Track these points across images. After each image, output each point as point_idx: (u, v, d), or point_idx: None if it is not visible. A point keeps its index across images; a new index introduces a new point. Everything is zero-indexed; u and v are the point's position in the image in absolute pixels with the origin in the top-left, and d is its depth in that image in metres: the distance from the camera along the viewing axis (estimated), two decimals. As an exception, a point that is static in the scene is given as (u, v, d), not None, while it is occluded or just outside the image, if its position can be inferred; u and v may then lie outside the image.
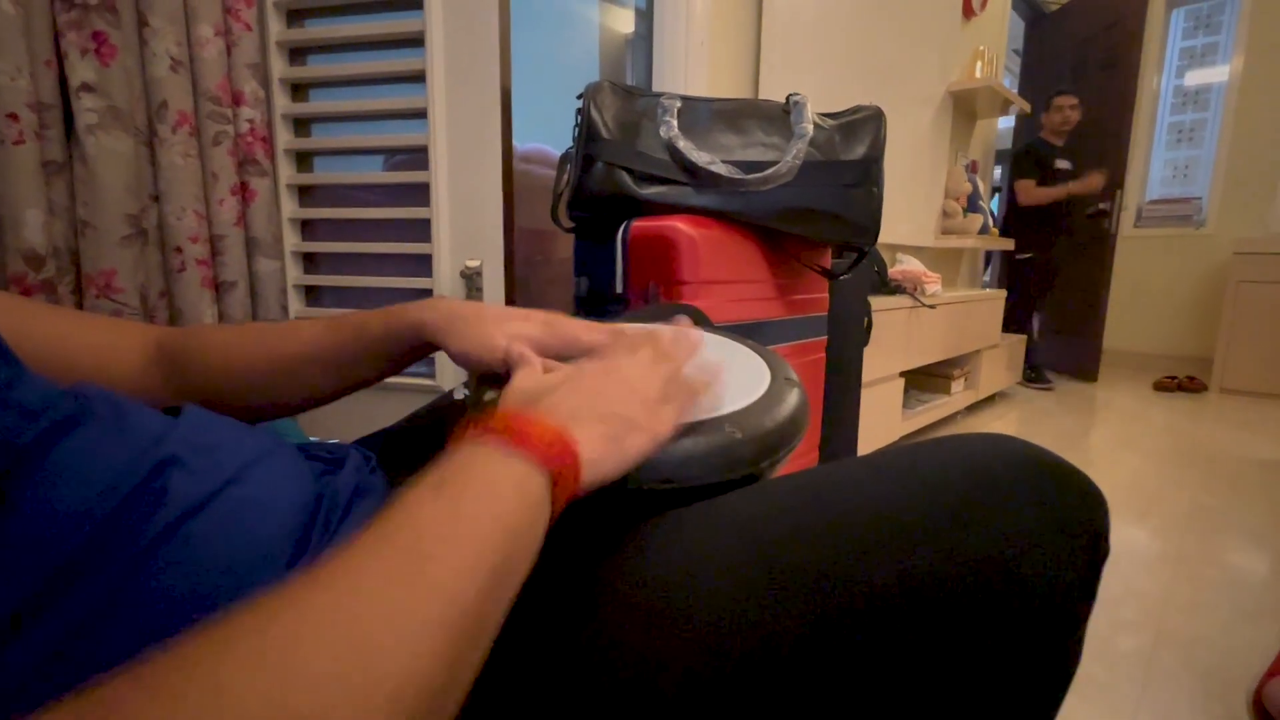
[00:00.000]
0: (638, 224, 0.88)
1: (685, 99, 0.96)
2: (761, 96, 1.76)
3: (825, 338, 1.18)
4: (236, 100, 0.89)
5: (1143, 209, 3.78)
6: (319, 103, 0.98)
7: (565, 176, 0.99)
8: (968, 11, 2.73)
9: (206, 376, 0.45)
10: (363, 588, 0.21)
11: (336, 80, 0.97)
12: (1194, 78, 3.66)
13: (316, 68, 0.97)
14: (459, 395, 0.57)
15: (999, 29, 3.11)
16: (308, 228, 1.00)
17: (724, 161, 0.89)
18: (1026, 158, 3.11)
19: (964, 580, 0.31)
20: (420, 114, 0.87)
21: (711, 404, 0.40)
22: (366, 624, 0.20)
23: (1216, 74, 3.58)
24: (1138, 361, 3.75)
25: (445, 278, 0.88)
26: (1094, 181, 2.93)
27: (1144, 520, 1.54)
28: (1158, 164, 3.80)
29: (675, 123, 0.92)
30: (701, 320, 0.76)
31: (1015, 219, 3.13)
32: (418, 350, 0.44)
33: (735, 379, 0.45)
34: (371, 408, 0.48)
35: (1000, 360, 2.74)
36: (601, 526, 0.37)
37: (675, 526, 0.35)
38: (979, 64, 2.66)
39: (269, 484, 0.35)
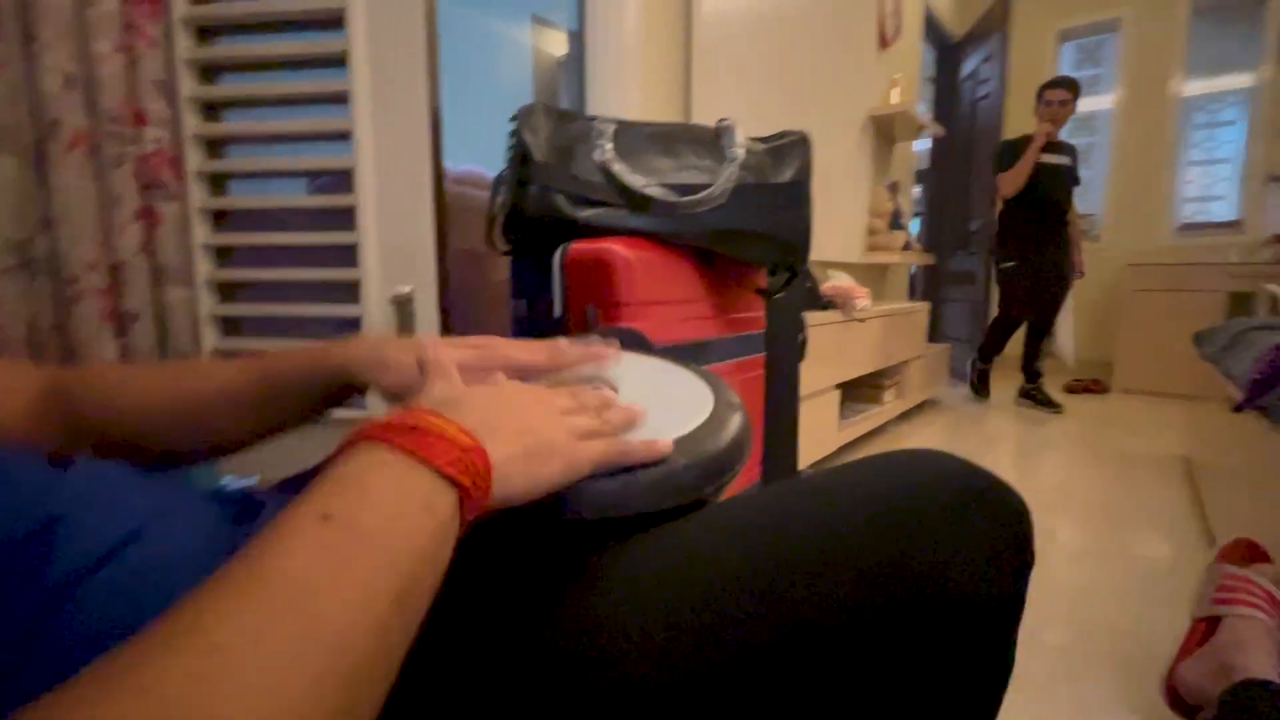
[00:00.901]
0: (574, 246, 0.88)
1: (619, 123, 0.97)
2: (693, 120, 1.80)
3: (763, 354, 1.20)
4: (139, 120, 0.83)
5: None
6: (234, 123, 0.93)
7: (499, 199, 0.98)
8: (883, 42, 2.89)
9: (103, 421, 0.41)
10: (227, 644, 0.18)
11: (252, 100, 0.92)
12: (1083, 104, 4.00)
13: (230, 87, 0.92)
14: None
15: (912, 58, 3.31)
16: (225, 255, 0.94)
17: (659, 184, 0.90)
18: (1007, 151, 2.87)
19: (902, 599, 0.32)
20: (344, 136, 0.84)
21: (653, 430, 0.40)
22: (230, 692, 0.17)
23: (1103, 101, 3.93)
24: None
25: (374, 305, 0.85)
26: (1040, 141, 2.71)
27: (1064, 517, 1.64)
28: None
29: (610, 146, 0.93)
30: (642, 343, 0.76)
31: (1000, 223, 2.93)
32: (342, 391, 0.42)
33: (677, 404, 0.45)
34: (295, 442, 0.45)
35: (927, 369, 2.87)
36: (532, 562, 0.35)
37: (613, 563, 0.34)
38: (895, 91, 2.83)
39: (172, 542, 0.31)
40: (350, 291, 0.87)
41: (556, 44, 1.76)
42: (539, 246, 0.92)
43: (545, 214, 0.89)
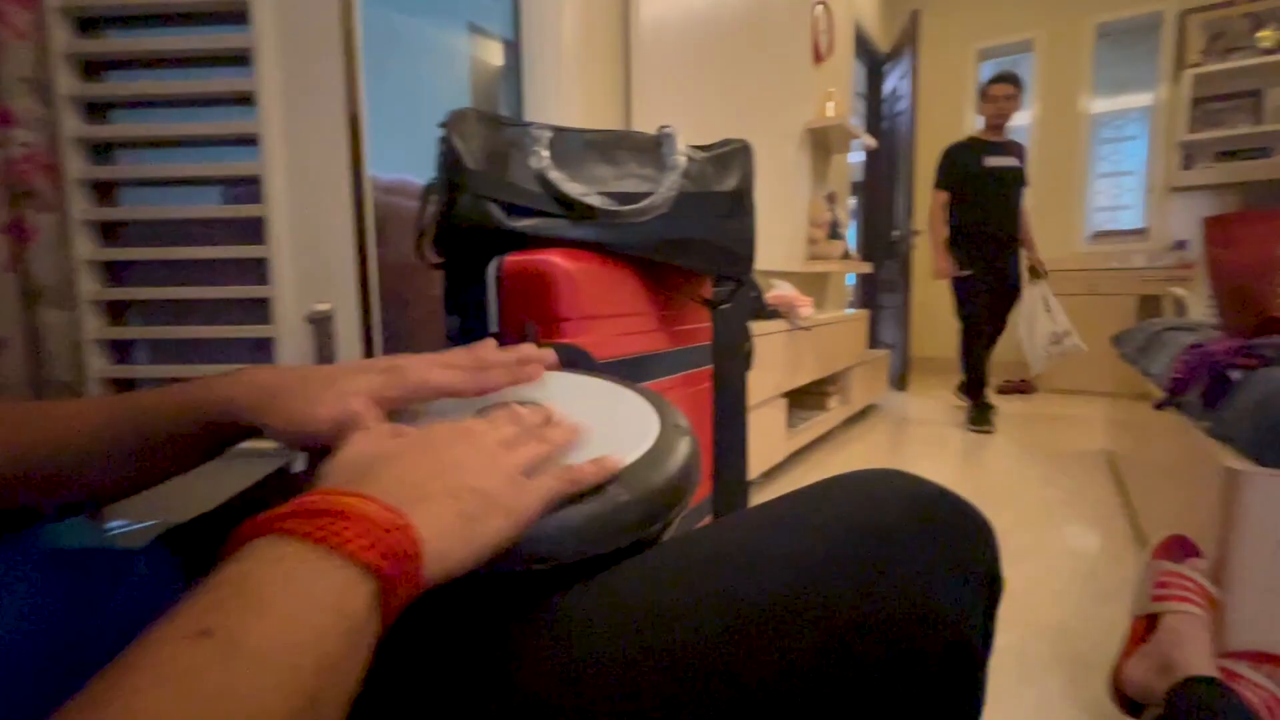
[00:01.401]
0: (510, 258, 0.83)
1: (556, 129, 0.92)
2: (635, 129, 1.78)
3: (710, 366, 1.18)
4: (5, 120, 0.73)
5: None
6: (123, 125, 0.84)
7: (429, 209, 0.91)
8: (817, 57, 2.97)
9: None
10: None
11: (144, 99, 0.83)
12: (1003, 121, 4.23)
13: (117, 84, 0.83)
14: (299, 466, 0.48)
15: (845, 73, 3.41)
16: (114, 271, 0.84)
17: (599, 193, 0.86)
18: (941, 163, 2.76)
19: (876, 637, 0.30)
20: (250, 140, 0.76)
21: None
22: None
23: (1022, 117, 4.16)
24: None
25: (289, 324, 0.77)
26: (944, 271, 2.74)
27: (1004, 517, 1.68)
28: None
29: (547, 153, 0.88)
30: (583, 360, 0.71)
31: (951, 231, 2.77)
32: (226, 434, 0.36)
33: (620, 429, 0.41)
34: (185, 481, 0.38)
35: (868, 375, 2.93)
36: (455, 620, 0.30)
37: (549, 621, 0.30)
38: (830, 104, 2.90)
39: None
40: (261, 310, 0.79)
41: (494, 53, 1.70)
42: (473, 259, 0.86)
43: (478, 224, 0.83)
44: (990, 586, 0.35)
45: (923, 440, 2.52)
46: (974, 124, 4.26)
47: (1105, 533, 1.56)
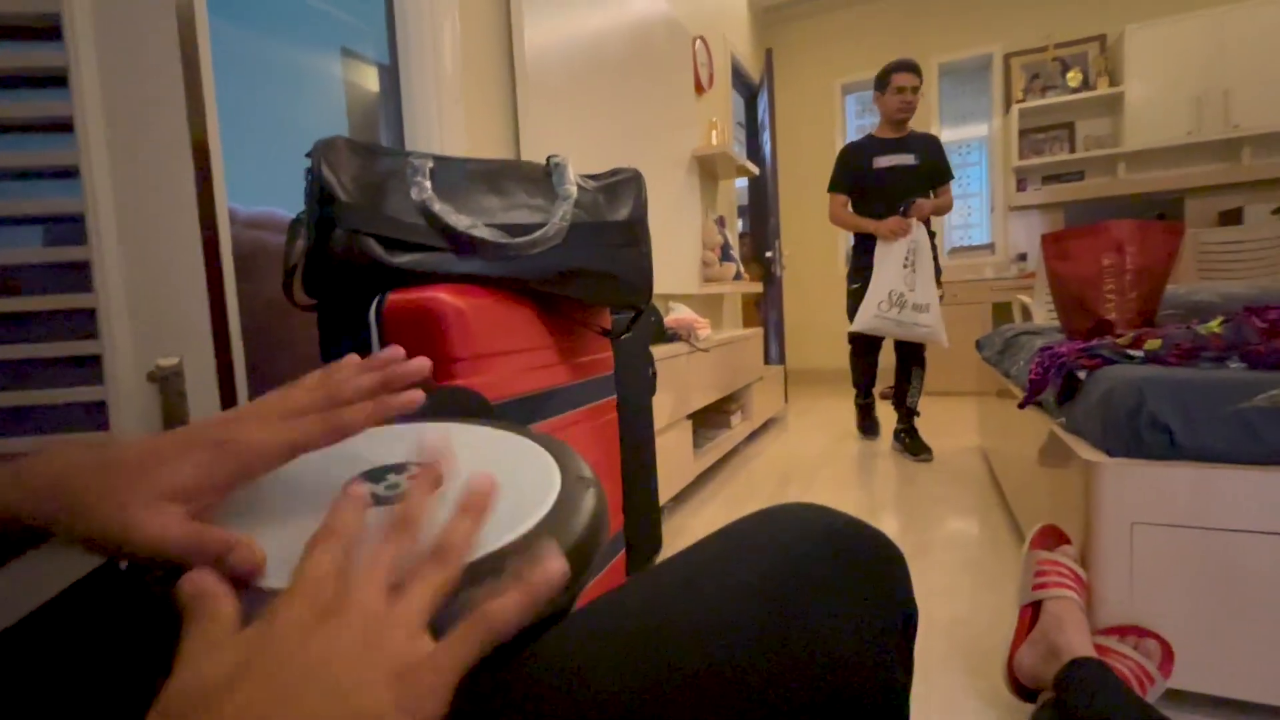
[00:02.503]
0: (394, 297, 0.77)
1: (438, 158, 0.88)
2: (525, 158, 1.76)
3: (614, 396, 1.16)
4: None
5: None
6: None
7: (297, 245, 0.83)
8: (698, 88, 3.09)
9: None
10: None
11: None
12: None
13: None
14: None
15: (725, 103, 3.58)
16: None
17: (487, 225, 0.82)
18: (837, 165, 2.50)
19: (800, 695, 0.29)
20: (69, 173, 0.66)
21: (488, 536, 0.32)
22: None
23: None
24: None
25: (126, 384, 0.67)
26: (897, 225, 2.31)
27: (896, 519, 1.78)
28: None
29: (429, 184, 0.83)
30: (479, 405, 0.66)
31: (852, 241, 2.55)
32: (13, 537, 0.28)
33: (517, 489, 0.37)
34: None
35: (767, 390, 3.04)
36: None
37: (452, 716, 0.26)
38: (714, 133, 3.02)
39: None
40: (91, 368, 0.68)
41: (370, 78, 1.62)
42: (350, 298, 0.79)
43: (355, 260, 0.77)
44: (906, 618, 0.35)
45: (819, 450, 2.64)
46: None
47: (985, 525, 1.69)
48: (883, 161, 2.40)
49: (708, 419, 2.51)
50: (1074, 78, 3.78)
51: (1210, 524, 0.86)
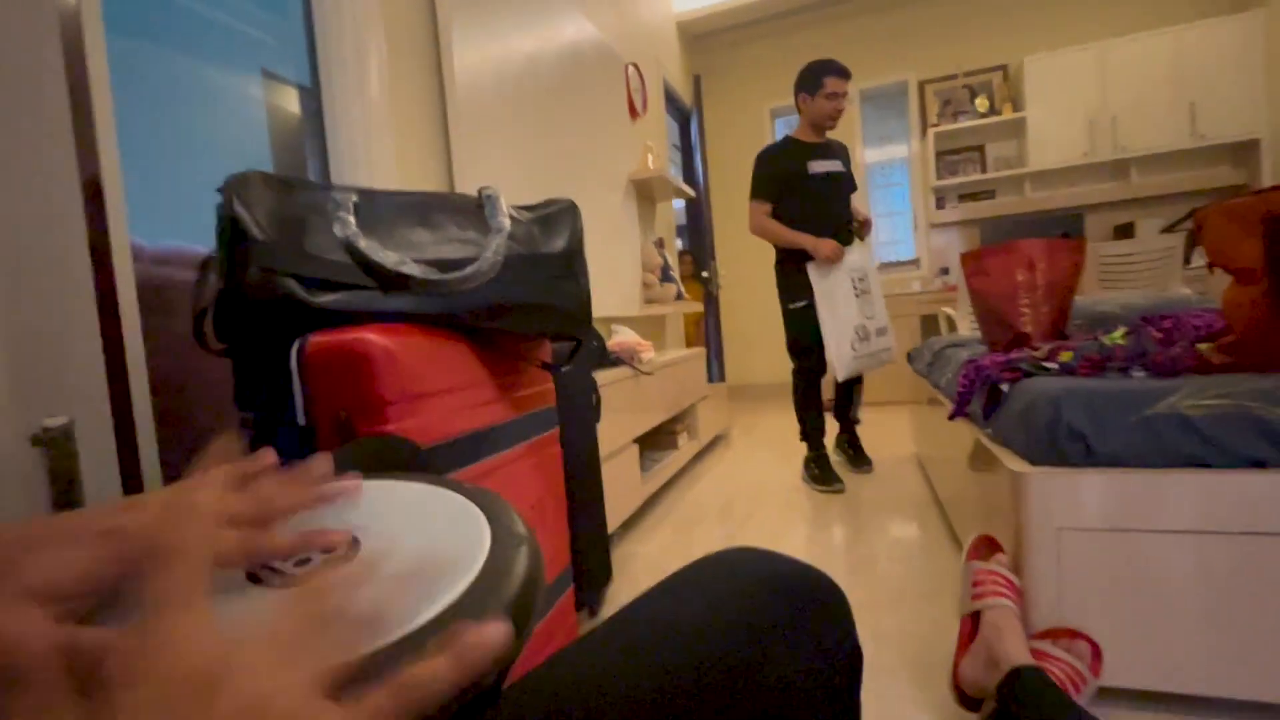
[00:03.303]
0: (315, 339, 0.73)
1: (363, 191, 0.84)
2: (458, 189, 1.72)
3: (557, 428, 1.13)
4: None
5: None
6: None
7: (209, 286, 0.78)
8: (633, 113, 3.13)
9: None
10: None
11: None
12: (798, 170, 4.79)
13: None
14: None
15: (660, 128, 3.64)
16: None
17: (416, 261, 0.79)
18: (761, 170, 2.29)
19: None
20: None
21: (407, 608, 0.29)
22: None
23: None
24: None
25: (2, 449, 0.60)
26: (836, 251, 2.18)
27: (842, 531, 1.81)
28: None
29: (353, 219, 0.80)
30: (408, 454, 0.63)
31: (778, 255, 2.34)
32: None
33: (441, 551, 0.35)
34: None
35: (712, 408, 3.07)
36: None
37: None
38: (649, 157, 3.06)
39: None
40: (-37, 431, 0.61)
41: (293, 101, 1.56)
42: (268, 341, 0.75)
43: (272, 302, 0.72)
44: (853, 663, 0.35)
45: (764, 463, 2.68)
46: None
47: (925, 533, 1.75)
48: (818, 167, 2.25)
49: (655, 441, 2.51)
50: (981, 104, 4.05)
51: (1127, 526, 0.91)
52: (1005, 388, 1.16)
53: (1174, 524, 0.89)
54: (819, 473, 2.27)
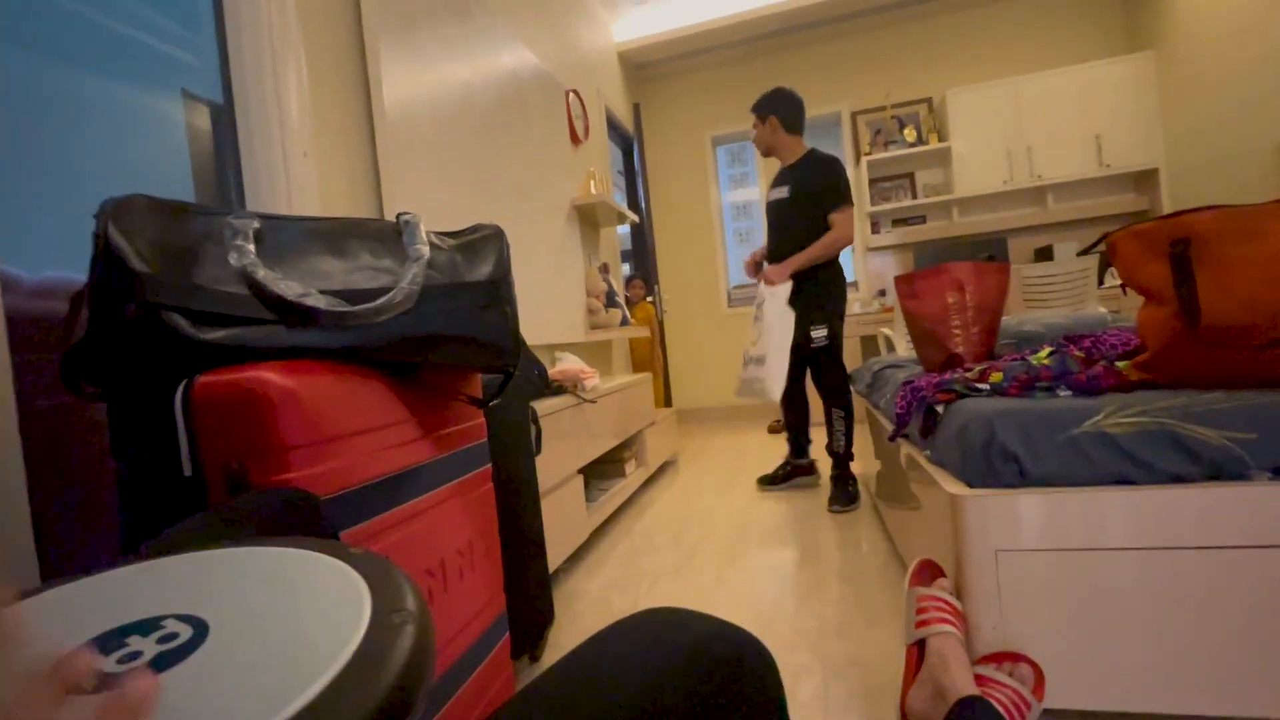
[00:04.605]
0: (204, 380, 0.65)
1: (266, 218, 0.78)
2: (389, 217, 1.66)
3: (489, 465, 1.07)
4: None
5: (730, 293, 4.79)
6: None
7: (79, 321, 0.70)
8: (574, 139, 3.13)
9: None
10: None
11: None
12: (738, 195, 4.89)
13: None
14: None
15: (602, 154, 3.65)
16: None
17: (323, 292, 0.73)
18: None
19: None
20: None
21: (251, 714, 0.24)
22: None
23: (753, 193, 4.85)
24: (755, 411, 4.62)
25: None
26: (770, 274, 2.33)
27: (792, 553, 1.80)
28: (733, 259, 4.90)
29: (251, 247, 0.73)
30: (300, 507, 0.57)
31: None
32: None
33: (300, 641, 0.30)
34: None
35: (661, 434, 3.04)
36: None
37: None
38: (592, 183, 3.06)
39: None
40: None
41: (206, 119, 1.46)
42: (150, 383, 0.67)
43: (151, 339, 0.65)
44: None
45: (715, 485, 2.65)
46: (717, 201, 4.85)
47: (873, 555, 1.75)
48: (771, 195, 2.44)
49: (601, 469, 2.45)
50: (910, 133, 4.25)
51: (1061, 545, 0.92)
52: (940, 409, 1.17)
53: (1107, 542, 0.90)
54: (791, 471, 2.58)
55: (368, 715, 0.26)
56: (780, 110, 2.37)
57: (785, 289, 2.28)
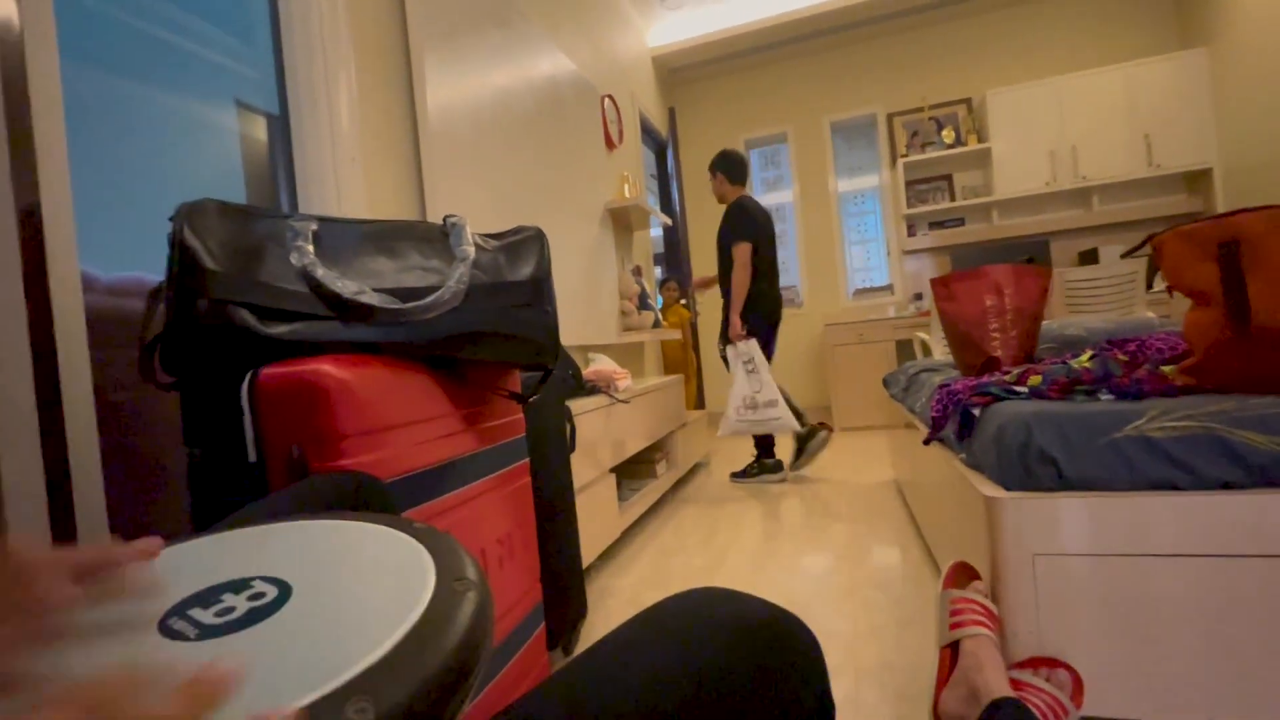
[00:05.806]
0: (269, 371, 0.70)
1: (323, 220, 0.83)
2: (432, 219, 1.71)
3: (527, 460, 1.11)
4: None
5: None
6: None
7: (157, 317, 0.75)
8: (609, 144, 3.17)
9: None
10: None
11: None
12: (772, 198, 4.86)
13: None
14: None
15: (636, 158, 3.69)
16: None
17: (376, 290, 0.77)
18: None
19: None
20: None
21: (331, 665, 0.27)
22: None
23: (786, 195, 4.82)
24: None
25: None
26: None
27: (825, 558, 1.79)
28: (765, 262, 4.88)
29: (311, 248, 0.78)
30: (368, 490, 0.60)
31: None
32: None
33: (372, 603, 0.32)
34: None
35: (692, 436, 3.05)
36: None
37: None
38: (626, 186, 3.09)
39: None
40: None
41: (262, 129, 1.54)
42: (219, 375, 0.72)
43: (223, 332, 0.70)
44: (823, 713, 0.33)
45: (745, 489, 2.65)
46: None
47: (906, 560, 1.73)
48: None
49: (633, 470, 2.47)
50: (948, 135, 4.18)
51: (1101, 551, 0.90)
52: (977, 412, 1.16)
53: (1150, 548, 0.88)
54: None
55: (435, 672, 0.29)
56: (723, 167, 2.89)
57: (750, 341, 2.73)
